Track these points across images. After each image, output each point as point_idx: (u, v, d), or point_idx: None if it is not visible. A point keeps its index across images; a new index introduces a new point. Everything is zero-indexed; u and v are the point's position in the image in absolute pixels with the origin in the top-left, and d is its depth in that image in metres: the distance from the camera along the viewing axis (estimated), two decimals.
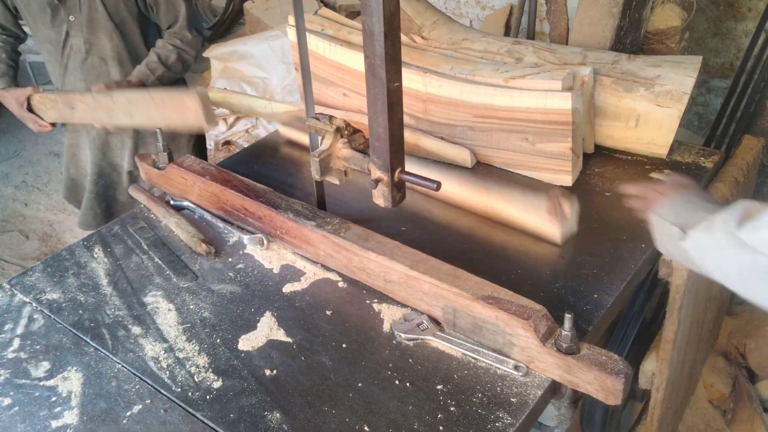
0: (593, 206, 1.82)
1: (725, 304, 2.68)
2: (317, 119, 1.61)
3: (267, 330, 1.43)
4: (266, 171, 2.03)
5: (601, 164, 1.98)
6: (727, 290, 1.27)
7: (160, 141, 1.86)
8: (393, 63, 1.31)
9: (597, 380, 1.22)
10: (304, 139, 2.21)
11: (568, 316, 1.22)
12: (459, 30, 2.29)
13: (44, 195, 4.33)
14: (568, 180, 1.88)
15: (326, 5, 5.26)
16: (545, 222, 1.67)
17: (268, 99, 2.42)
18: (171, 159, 1.87)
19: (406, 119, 1.94)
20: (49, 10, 2.30)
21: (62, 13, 2.31)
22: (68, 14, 2.31)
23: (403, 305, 1.47)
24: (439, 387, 1.28)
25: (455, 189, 1.82)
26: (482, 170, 1.99)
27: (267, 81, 4.54)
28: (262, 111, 2.27)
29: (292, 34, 2.32)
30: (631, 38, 2.36)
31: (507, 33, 4.62)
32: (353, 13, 5.24)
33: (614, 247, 1.65)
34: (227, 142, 4.38)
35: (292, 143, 2.24)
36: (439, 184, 1.40)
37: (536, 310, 1.29)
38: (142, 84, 2.34)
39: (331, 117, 1.60)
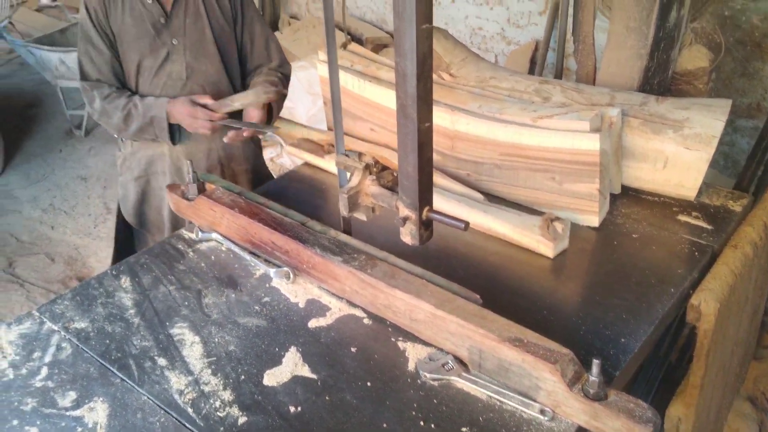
0: (620, 248, 1.81)
1: (751, 349, 2.63)
2: (347, 156, 1.63)
3: (292, 365, 1.43)
4: (296, 200, 2.04)
5: (628, 205, 1.98)
6: (753, 334, 1.25)
7: (190, 172, 1.88)
8: (424, 104, 1.32)
9: (624, 428, 1.20)
10: (324, 164, 2.26)
11: (596, 362, 1.21)
12: (487, 68, 2.31)
13: (71, 219, 4.39)
14: (594, 221, 1.88)
15: (353, 38, 5.33)
16: (538, 240, 1.76)
17: (302, 125, 2.47)
18: (201, 190, 1.89)
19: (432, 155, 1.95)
20: (152, 32, 2.23)
21: (165, 35, 2.25)
22: (171, 37, 2.26)
23: (429, 344, 1.47)
24: (464, 429, 1.27)
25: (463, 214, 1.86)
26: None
27: (293, 110, 4.59)
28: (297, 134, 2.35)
29: (322, 69, 2.35)
30: (659, 79, 2.36)
31: (532, 68, 4.66)
32: (380, 45, 5.32)
33: (641, 290, 1.64)
34: None
35: (313, 167, 2.31)
36: (467, 224, 1.41)
37: (563, 354, 1.28)
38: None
39: (360, 154, 1.62)
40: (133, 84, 2.32)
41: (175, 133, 2.31)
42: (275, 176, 2.70)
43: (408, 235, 1.48)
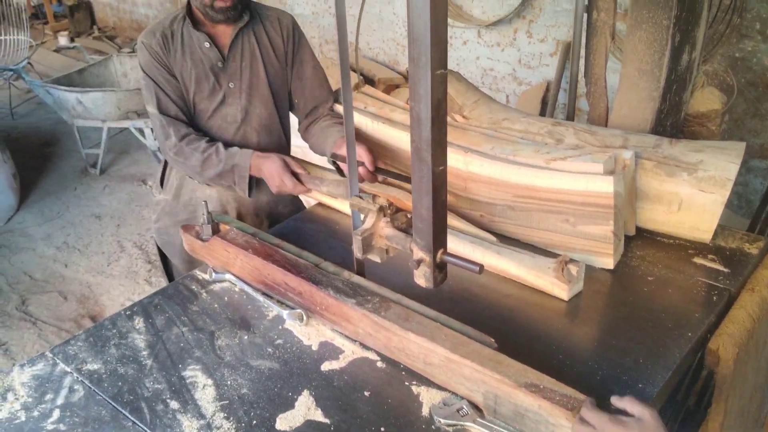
0: (636, 291, 1.79)
1: None
2: (361, 198, 1.64)
3: (305, 409, 1.42)
4: (310, 240, 2.05)
5: (642, 247, 1.96)
6: None
7: (205, 213, 1.90)
8: (438, 147, 1.33)
9: None
10: (339, 205, 2.26)
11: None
12: (499, 110, 2.32)
13: (84, 257, 4.42)
14: (609, 263, 1.87)
15: (366, 79, 5.40)
16: (553, 283, 1.75)
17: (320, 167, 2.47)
18: (215, 231, 1.90)
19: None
20: (210, 75, 2.25)
21: (222, 79, 2.27)
22: (228, 81, 2.27)
23: (443, 389, 1.45)
24: None
25: (477, 256, 1.87)
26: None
27: (306, 149, 4.62)
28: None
29: (337, 109, 2.38)
30: (672, 121, 2.37)
31: (543, 108, 4.69)
32: (392, 86, 5.37)
33: (658, 334, 1.62)
34: None
35: (327, 207, 2.31)
36: (481, 267, 1.40)
37: (580, 401, 1.26)
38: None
39: (374, 196, 1.63)
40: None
41: (253, 185, 2.28)
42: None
43: (422, 278, 1.47)
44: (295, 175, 2.17)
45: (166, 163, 2.50)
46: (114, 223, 4.80)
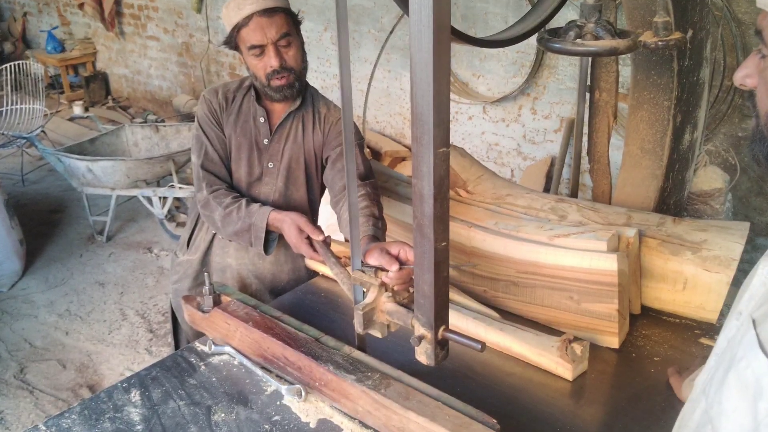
0: (641, 371, 1.76)
1: None
2: (363, 272, 1.63)
3: None
4: (312, 312, 2.03)
5: (648, 326, 1.94)
6: None
7: (207, 284, 1.89)
8: (441, 223, 1.33)
9: None
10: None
11: None
12: (503, 185, 2.34)
13: (86, 324, 4.39)
14: (614, 342, 1.84)
15: (372, 151, 5.47)
16: (557, 362, 1.72)
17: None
18: (216, 303, 1.89)
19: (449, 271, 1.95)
20: (255, 150, 2.26)
21: (264, 157, 2.27)
22: (269, 160, 2.27)
23: None
24: None
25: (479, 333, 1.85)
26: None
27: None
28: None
29: None
30: (675, 199, 2.38)
31: (548, 183, 4.73)
32: (398, 159, 5.44)
33: (665, 417, 1.58)
34: None
35: (329, 279, 2.29)
36: (483, 345, 1.38)
37: None
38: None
39: (376, 270, 1.62)
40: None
41: (272, 243, 2.23)
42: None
43: (423, 355, 1.45)
44: (310, 238, 2.08)
45: (194, 225, 2.49)
46: (117, 291, 4.78)
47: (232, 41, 2.17)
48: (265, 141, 2.26)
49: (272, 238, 2.22)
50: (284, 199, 2.31)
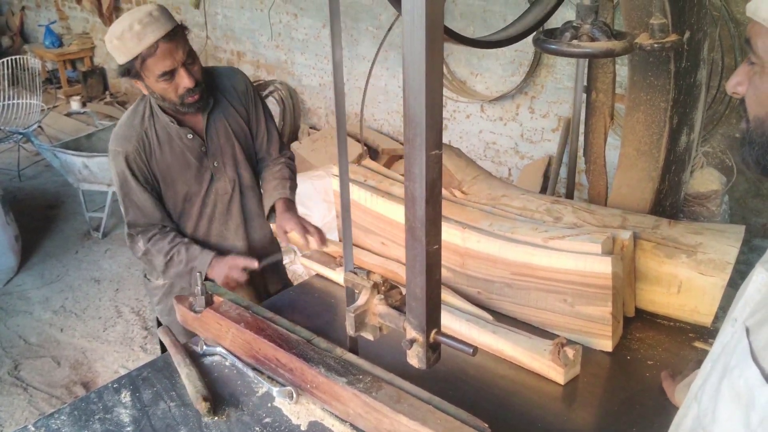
0: (635, 374, 1.75)
1: None
2: (355, 274, 1.62)
3: None
4: (305, 313, 2.02)
5: (642, 329, 1.93)
6: None
7: (199, 284, 1.88)
8: (433, 226, 1.32)
9: None
10: (336, 277, 2.25)
11: None
12: (498, 186, 2.33)
13: (81, 321, 4.37)
14: (608, 345, 1.83)
15: (369, 149, 5.46)
16: (549, 366, 1.71)
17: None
18: (209, 303, 1.88)
19: (443, 272, 1.94)
20: (195, 162, 2.30)
21: (206, 161, 2.33)
22: (212, 160, 2.34)
23: None
24: None
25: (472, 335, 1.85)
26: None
27: (309, 217, 4.62)
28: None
29: (335, 183, 2.39)
30: (671, 201, 2.37)
31: (545, 182, 4.71)
32: (395, 157, 5.43)
33: (659, 421, 1.57)
34: None
35: (324, 278, 2.31)
36: (475, 350, 1.37)
37: None
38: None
39: (368, 272, 1.61)
40: (178, 212, 2.36)
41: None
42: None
43: (415, 358, 1.44)
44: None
45: None
46: (113, 288, 4.77)
47: (132, 72, 2.13)
48: (203, 149, 2.31)
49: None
50: (239, 184, 2.41)
